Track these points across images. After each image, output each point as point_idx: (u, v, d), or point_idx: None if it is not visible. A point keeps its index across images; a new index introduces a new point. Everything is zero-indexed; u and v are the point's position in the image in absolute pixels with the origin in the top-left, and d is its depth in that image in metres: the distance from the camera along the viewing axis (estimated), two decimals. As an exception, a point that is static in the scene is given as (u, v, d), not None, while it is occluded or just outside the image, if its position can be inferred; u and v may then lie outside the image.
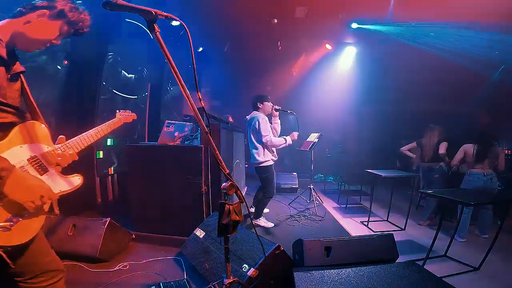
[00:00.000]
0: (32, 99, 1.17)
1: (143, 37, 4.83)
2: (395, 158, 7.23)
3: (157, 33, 0.96)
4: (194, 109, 1.06)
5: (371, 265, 1.83)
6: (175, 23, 5.29)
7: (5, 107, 1.02)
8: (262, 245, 1.68)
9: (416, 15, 4.94)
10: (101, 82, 3.85)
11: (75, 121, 3.44)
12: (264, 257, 1.91)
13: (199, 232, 2.55)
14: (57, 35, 1.18)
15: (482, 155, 3.34)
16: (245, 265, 1.96)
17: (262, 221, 3.62)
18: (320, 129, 5.03)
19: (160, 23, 0.96)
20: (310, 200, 4.78)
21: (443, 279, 1.71)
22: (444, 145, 3.85)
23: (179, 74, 1.01)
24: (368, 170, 3.94)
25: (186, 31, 1.03)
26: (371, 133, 8.58)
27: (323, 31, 6.01)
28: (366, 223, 3.80)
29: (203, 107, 1.15)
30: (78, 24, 1.21)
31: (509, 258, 2.80)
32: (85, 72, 3.66)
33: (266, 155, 3.43)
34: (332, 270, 1.71)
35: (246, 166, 5.76)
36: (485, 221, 3.38)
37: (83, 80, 3.65)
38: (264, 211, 3.94)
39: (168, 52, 0.98)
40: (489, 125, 5.13)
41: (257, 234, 1.44)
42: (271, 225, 3.62)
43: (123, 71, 4.46)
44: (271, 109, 3.57)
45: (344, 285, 1.58)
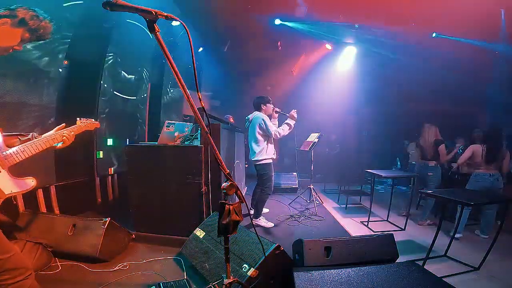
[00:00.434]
0: None
1: (143, 38, 4.83)
2: (395, 158, 7.23)
3: (157, 33, 0.96)
4: (194, 109, 1.06)
5: (371, 265, 1.83)
6: (175, 23, 5.33)
7: None
8: (262, 245, 1.68)
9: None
10: (101, 83, 3.85)
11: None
12: (264, 257, 1.91)
13: (199, 232, 2.55)
14: (19, 42, 1.26)
15: (492, 156, 3.31)
16: (245, 265, 1.96)
17: (262, 221, 3.62)
18: (320, 129, 5.04)
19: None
20: (310, 200, 4.78)
21: (443, 279, 1.71)
22: (443, 150, 3.86)
23: (179, 74, 1.01)
24: (368, 170, 3.94)
25: (186, 31, 1.03)
26: (371, 133, 8.59)
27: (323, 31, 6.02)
28: (366, 223, 3.80)
29: (203, 107, 1.15)
30: (39, 31, 1.29)
31: (509, 258, 2.80)
32: (85, 73, 3.66)
33: (268, 152, 3.54)
34: (332, 270, 1.71)
35: (246, 166, 5.76)
36: (487, 221, 3.37)
37: (83, 81, 3.65)
38: (264, 211, 3.94)
39: (168, 52, 0.98)
40: (496, 126, 5.11)
41: (257, 234, 1.44)
42: (271, 225, 3.62)
43: (123, 72, 4.45)
44: (272, 111, 3.69)
45: (344, 285, 1.58)
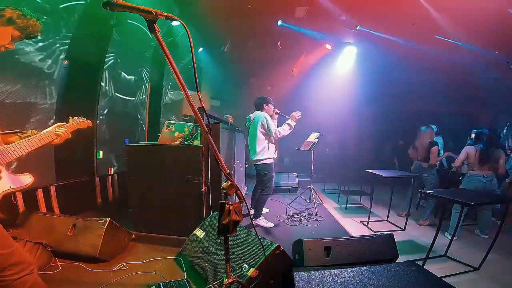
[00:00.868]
0: None
1: (143, 38, 4.84)
2: (394, 157, 7.23)
3: (157, 33, 0.96)
4: (194, 109, 1.06)
5: (371, 265, 1.83)
6: (175, 23, 5.34)
7: None
8: (262, 245, 1.68)
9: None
10: (101, 83, 3.85)
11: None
12: (264, 257, 1.91)
13: (199, 232, 2.55)
14: (9, 40, 1.30)
15: (486, 158, 3.33)
16: (245, 265, 1.96)
17: (262, 221, 3.62)
18: (320, 129, 5.03)
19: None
20: (310, 200, 4.78)
21: (443, 279, 1.71)
22: (435, 152, 3.86)
23: (179, 74, 1.01)
24: (368, 170, 3.94)
25: (187, 31, 1.03)
26: (371, 132, 8.59)
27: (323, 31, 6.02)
28: (366, 223, 3.80)
29: (203, 107, 1.15)
30: (28, 29, 1.33)
31: (509, 258, 2.80)
32: (85, 73, 3.66)
33: (270, 152, 3.56)
34: (332, 270, 1.71)
35: (246, 166, 5.76)
36: (484, 221, 3.39)
37: (83, 82, 3.65)
38: (264, 211, 3.95)
39: (168, 52, 0.98)
40: (492, 127, 5.12)
41: (257, 234, 1.44)
42: (271, 225, 3.62)
43: (122, 73, 4.46)
44: (272, 112, 3.73)
45: (344, 285, 1.58)
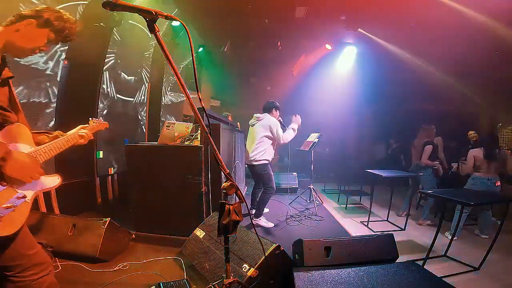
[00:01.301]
0: (18, 103, 1.25)
1: (143, 38, 4.84)
2: (394, 157, 7.22)
3: (157, 33, 0.96)
4: (194, 109, 1.06)
5: (371, 265, 1.83)
6: (175, 23, 5.34)
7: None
8: (262, 245, 1.68)
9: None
10: (101, 84, 3.85)
11: (75, 124, 3.43)
12: (264, 257, 1.91)
13: (199, 232, 2.55)
14: (45, 43, 1.26)
15: (491, 158, 3.32)
16: (245, 265, 1.96)
17: (262, 221, 3.62)
18: (320, 129, 5.03)
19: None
20: (310, 200, 4.78)
21: (443, 279, 1.71)
22: (427, 151, 3.86)
23: (179, 74, 1.01)
24: (368, 170, 3.94)
25: (187, 31, 1.03)
26: (371, 133, 8.59)
27: (323, 31, 6.01)
28: (366, 223, 3.80)
29: (203, 107, 1.15)
30: (64, 32, 1.29)
31: (509, 258, 2.80)
32: (85, 74, 3.66)
33: (269, 154, 3.60)
34: (332, 270, 1.71)
35: (246, 166, 5.76)
36: (484, 221, 3.38)
37: (83, 82, 3.65)
38: (264, 211, 3.95)
39: (168, 52, 0.98)
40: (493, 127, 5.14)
41: (257, 234, 1.44)
42: (271, 225, 3.62)
43: (122, 73, 4.46)
44: (277, 118, 3.79)
45: (344, 285, 1.58)
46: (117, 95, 4.30)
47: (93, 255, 2.34)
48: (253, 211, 3.72)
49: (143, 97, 5.16)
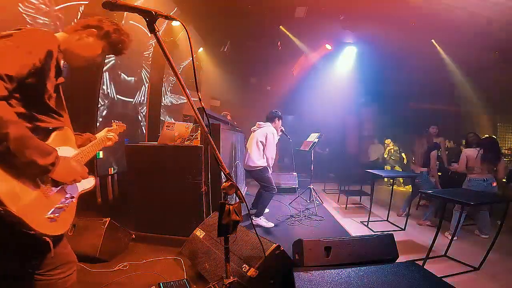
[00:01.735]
0: (65, 106, 1.27)
1: (142, 38, 4.83)
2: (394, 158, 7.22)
3: (157, 33, 0.96)
4: (194, 109, 1.06)
5: (371, 265, 1.83)
6: (175, 23, 5.33)
7: (54, 114, 1.11)
8: (262, 245, 1.68)
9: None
10: (102, 86, 3.85)
11: (75, 126, 3.43)
12: (264, 257, 1.91)
13: (199, 232, 2.55)
14: (99, 54, 1.29)
15: (488, 161, 3.30)
16: (245, 265, 1.96)
17: (263, 221, 3.62)
18: (320, 129, 5.04)
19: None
20: (310, 200, 4.78)
21: (443, 279, 1.71)
22: (434, 156, 3.89)
23: (179, 74, 1.01)
24: (368, 170, 3.94)
25: (186, 31, 1.03)
26: (371, 132, 8.59)
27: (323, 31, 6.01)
28: (366, 223, 3.80)
29: (203, 107, 1.15)
30: (118, 45, 1.32)
31: (509, 258, 2.80)
32: (85, 75, 3.65)
33: (264, 159, 3.69)
34: (332, 270, 1.71)
35: (245, 170, 5.77)
36: (483, 221, 3.38)
37: (83, 84, 3.64)
38: (265, 211, 3.95)
39: (168, 52, 0.98)
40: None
41: (257, 234, 1.44)
42: (271, 225, 3.62)
43: (122, 74, 4.45)
44: (279, 128, 3.93)
45: (344, 285, 1.58)
46: (117, 96, 4.30)
47: (93, 255, 2.34)
48: (254, 211, 3.72)
49: (143, 97, 5.16)
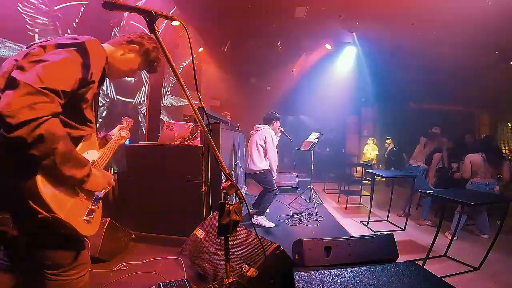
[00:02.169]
0: (95, 115, 1.28)
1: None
2: (394, 157, 7.23)
3: (157, 33, 0.96)
4: (194, 109, 1.06)
5: (371, 265, 1.83)
6: (175, 23, 5.33)
7: (88, 122, 1.12)
8: (262, 245, 1.68)
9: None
10: (102, 87, 3.85)
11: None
12: (264, 257, 1.91)
13: (199, 232, 2.55)
14: (135, 70, 1.30)
15: (492, 164, 3.30)
16: (245, 265, 1.96)
17: (263, 221, 3.62)
18: (320, 129, 5.04)
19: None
20: (310, 200, 4.78)
21: (443, 279, 1.71)
22: (437, 158, 3.91)
23: (179, 74, 1.01)
24: (368, 170, 3.94)
25: (186, 31, 1.03)
26: (371, 133, 8.59)
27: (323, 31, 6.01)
28: (366, 223, 3.80)
29: (203, 107, 1.15)
30: (153, 63, 1.33)
31: (509, 258, 2.80)
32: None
33: (266, 162, 3.72)
34: (332, 270, 1.71)
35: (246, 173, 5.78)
36: (482, 221, 3.38)
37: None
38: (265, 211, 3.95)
39: (168, 52, 0.98)
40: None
41: (257, 234, 1.44)
42: (271, 225, 3.62)
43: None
44: (278, 129, 3.93)
45: (344, 285, 1.58)
46: (117, 97, 4.30)
47: (93, 255, 2.33)
48: (254, 211, 3.72)
49: (143, 98, 5.16)
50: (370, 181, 3.95)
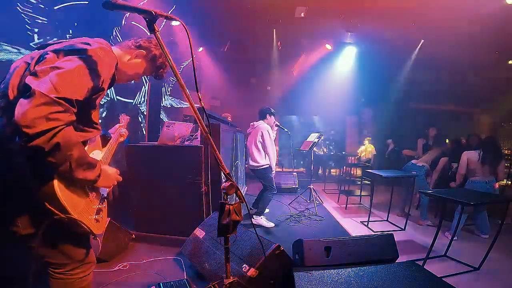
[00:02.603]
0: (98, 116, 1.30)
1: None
2: (394, 157, 7.22)
3: (157, 33, 0.96)
4: (194, 109, 1.06)
5: (371, 265, 1.83)
6: (175, 23, 5.33)
7: (94, 124, 1.14)
8: (262, 245, 1.68)
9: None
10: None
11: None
12: (264, 257, 1.91)
13: (199, 232, 2.55)
14: (140, 74, 1.31)
15: (489, 162, 3.29)
16: (245, 265, 1.96)
17: (263, 221, 3.62)
18: (320, 129, 5.04)
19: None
20: (310, 200, 4.78)
21: (443, 279, 1.71)
22: (442, 163, 3.94)
23: (178, 73, 1.01)
24: (368, 170, 3.94)
25: (186, 31, 1.03)
26: (371, 133, 8.58)
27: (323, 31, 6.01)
28: (366, 223, 3.80)
29: (203, 107, 1.15)
30: (160, 70, 1.33)
31: (509, 258, 2.80)
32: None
33: (267, 158, 3.68)
34: (332, 270, 1.71)
35: (247, 166, 5.77)
36: (482, 221, 3.38)
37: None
38: (265, 211, 3.95)
39: (168, 52, 0.98)
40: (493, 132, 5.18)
41: (257, 234, 1.44)
42: (271, 225, 3.62)
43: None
44: (273, 123, 3.91)
45: (344, 285, 1.58)
46: (117, 97, 4.30)
47: (93, 255, 2.34)
48: (254, 211, 3.72)
49: (143, 98, 5.16)
50: (370, 181, 3.95)
